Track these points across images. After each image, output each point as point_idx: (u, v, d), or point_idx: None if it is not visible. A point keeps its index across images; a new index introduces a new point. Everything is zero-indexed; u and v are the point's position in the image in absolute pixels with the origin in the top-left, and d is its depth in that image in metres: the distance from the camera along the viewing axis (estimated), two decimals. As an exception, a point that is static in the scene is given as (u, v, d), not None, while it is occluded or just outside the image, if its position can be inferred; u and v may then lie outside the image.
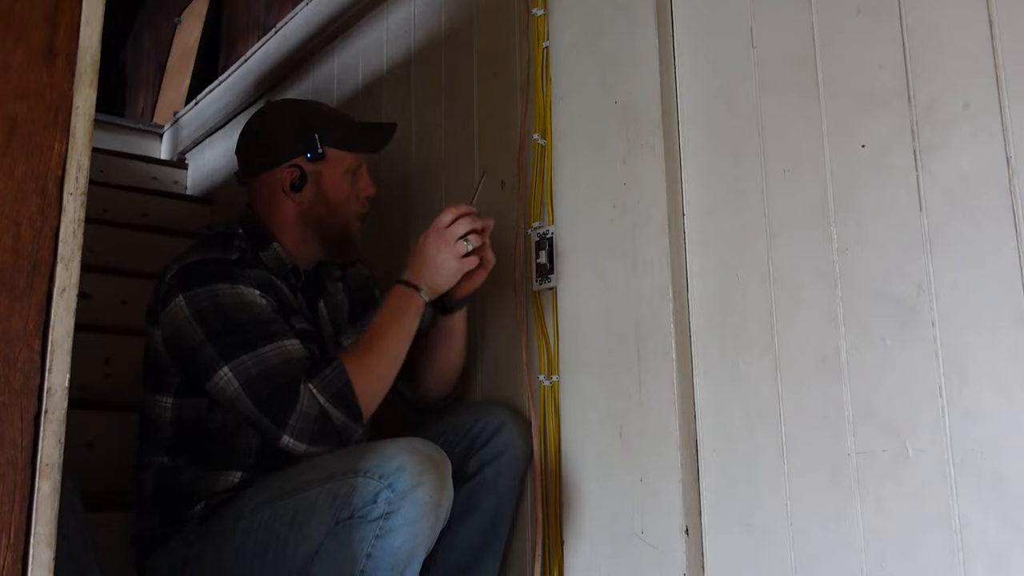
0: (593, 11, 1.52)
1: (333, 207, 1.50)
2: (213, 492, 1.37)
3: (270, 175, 1.49)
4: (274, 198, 1.49)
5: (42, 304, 0.70)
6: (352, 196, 1.52)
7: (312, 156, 1.48)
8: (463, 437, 1.45)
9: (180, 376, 1.39)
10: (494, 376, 1.65)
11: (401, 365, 1.38)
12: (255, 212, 1.51)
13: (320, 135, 1.48)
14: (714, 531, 1.26)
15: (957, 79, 1.07)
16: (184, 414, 1.39)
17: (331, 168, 1.50)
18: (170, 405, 1.39)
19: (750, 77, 1.31)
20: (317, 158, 1.48)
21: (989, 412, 1.01)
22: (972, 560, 1.00)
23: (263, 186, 1.50)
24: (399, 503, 1.15)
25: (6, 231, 0.69)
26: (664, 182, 1.36)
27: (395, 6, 2.16)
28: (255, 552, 1.26)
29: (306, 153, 1.48)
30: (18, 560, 0.66)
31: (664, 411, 1.30)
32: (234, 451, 1.38)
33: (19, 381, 0.68)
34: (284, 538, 1.23)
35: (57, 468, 0.69)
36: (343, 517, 1.18)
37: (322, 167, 1.49)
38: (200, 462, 1.39)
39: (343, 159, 1.51)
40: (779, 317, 1.23)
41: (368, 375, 1.32)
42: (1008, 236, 1.01)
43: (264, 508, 1.27)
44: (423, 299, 1.38)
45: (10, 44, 0.72)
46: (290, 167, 1.48)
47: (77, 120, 0.74)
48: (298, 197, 1.48)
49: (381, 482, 1.16)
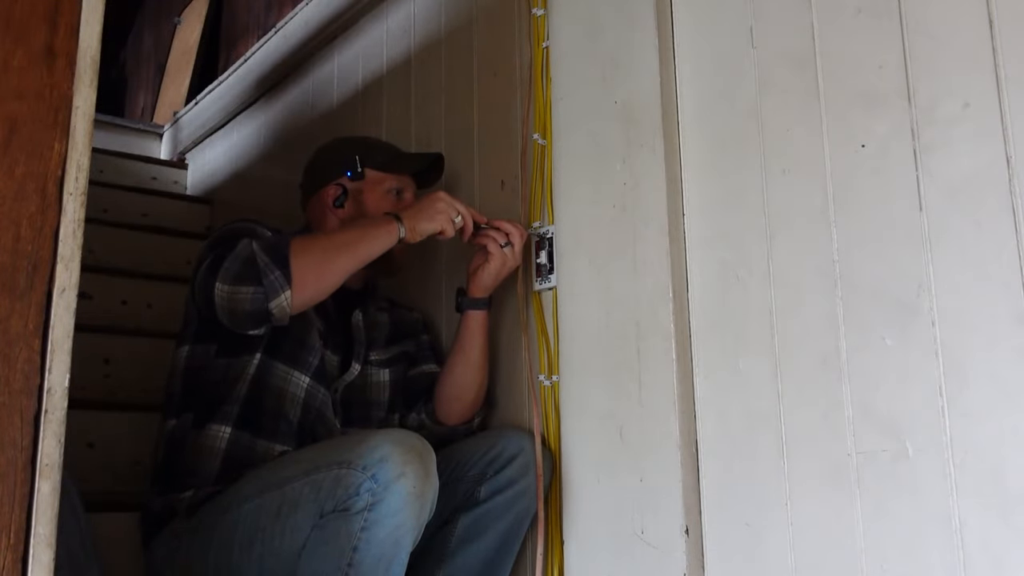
0: (593, 11, 1.52)
1: None
2: (202, 454, 1.39)
3: (320, 194, 1.65)
4: (323, 214, 1.64)
5: (42, 304, 0.70)
6: None
7: (352, 175, 1.63)
8: (478, 461, 1.45)
9: (196, 317, 1.46)
10: (494, 376, 1.65)
11: (344, 272, 1.39)
12: (308, 229, 1.67)
13: (361, 157, 1.64)
14: (714, 531, 1.26)
15: (957, 79, 1.07)
16: (195, 361, 1.46)
17: (371, 187, 1.63)
18: (185, 354, 1.47)
19: (750, 77, 1.31)
20: (357, 177, 1.63)
21: (989, 412, 1.01)
22: (972, 560, 1.00)
23: (315, 204, 1.66)
24: (382, 494, 1.15)
25: (6, 231, 0.69)
26: (664, 182, 1.36)
27: (395, 6, 2.16)
28: (243, 545, 1.26)
29: (347, 172, 1.63)
30: (18, 560, 0.66)
31: (664, 411, 1.30)
32: (226, 400, 1.42)
33: (19, 381, 0.68)
34: (271, 532, 1.24)
35: (57, 468, 0.69)
36: (328, 510, 1.19)
37: (362, 186, 1.63)
38: (197, 416, 1.42)
39: (383, 180, 1.64)
40: (779, 317, 1.23)
41: (309, 251, 1.34)
42: (1008, 236, 1.01)
43: (251, 501, 1.28)
44: (398, 227, 1.43)
45: (10, 44, 0.72)
46: (334, 185, 1.64)
47: (77, 120, 0.74)
48: (341, 212, 1.62)
49: (363, 473, 1.16)
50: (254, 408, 1.42)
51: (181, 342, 1.49)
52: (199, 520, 1.33)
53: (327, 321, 1.55)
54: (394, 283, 1.80)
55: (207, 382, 1.44)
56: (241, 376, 1.43)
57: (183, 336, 1.50)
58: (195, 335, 1.47)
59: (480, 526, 1.43)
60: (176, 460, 1.41)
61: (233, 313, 1.31)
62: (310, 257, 1.34)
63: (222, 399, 1.42)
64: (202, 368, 1.45)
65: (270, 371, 1.45)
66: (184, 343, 1.48)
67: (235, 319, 1.32)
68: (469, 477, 1.44)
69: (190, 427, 1.42)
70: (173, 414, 1.45)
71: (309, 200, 1.68)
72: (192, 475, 1.39)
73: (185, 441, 1.42)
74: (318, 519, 1.20)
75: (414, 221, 1.44)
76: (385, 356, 1.63)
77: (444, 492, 1.45)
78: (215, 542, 1.29)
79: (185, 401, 1.45)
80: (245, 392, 1.43)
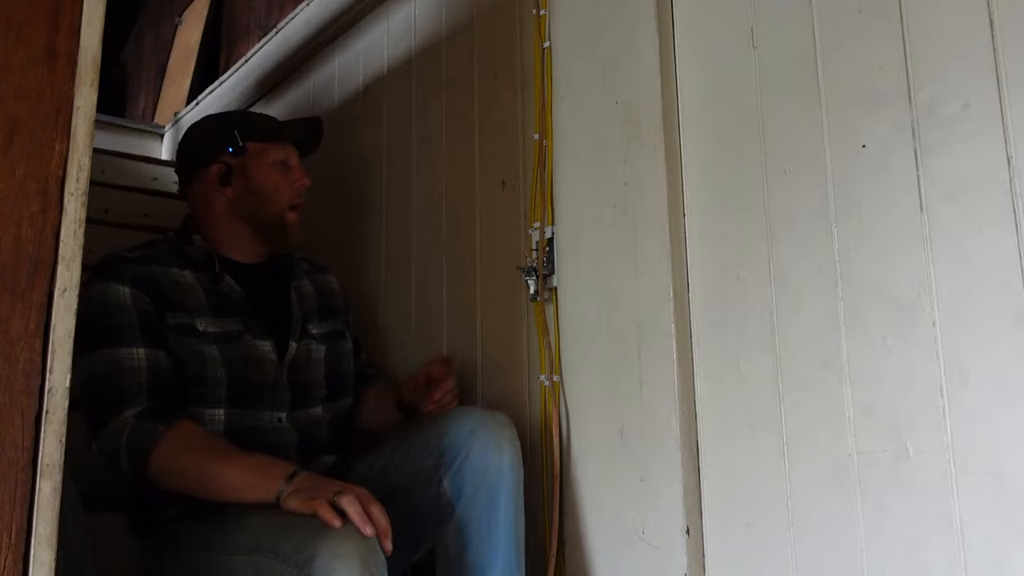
0: (594, 11, 1.52)
1: (263, 196, 1.55)
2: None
3: (201, 177, 1.57)
4: (206, 197, 1.56)
5: (43, 304, 0.70)
6: (284, 186, 1.57)
7: (234, 150, 1.55)
8: (431, 451, 1.39)
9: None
10: (494, 376, 1.65)
11: (211, 497, 1.26)
12: (192, 215, 1.59)
13: (239, 131, 1.57)
14: (715, 531, 1.26)
15: (958, 79, 1.07)
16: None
17: (255, 160, 1.56)
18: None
19: (751, 77, 1.31)
20: (239, 152, 1.56)
21: (990, 412, 1.01)
22: (973, 560, 1.00)
23: (196, 189, 1.58)
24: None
25: (7, 231, 0.69)
26: (665, 182, 1.36)
27: (396, 6, 2.16)
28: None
29: (227, 147, 1.55)
30: (19, 560, 0.66)
31: (665, 411, 1.30)
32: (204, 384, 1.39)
33: (20, 381, 0.68)
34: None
35: (58, 468, 0.69)
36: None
37: (246, 159, 1.56)
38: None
39: (267, 151, 1.57)
40: (780, 317, 1.23)
41: (175, 467, 1.27)
42: (1009, 236, 1.01)
43: (212, 554, 1.25)
44: (279, 494, 1.21)
45: (11, 44, 0.72)
46: (216, 164, 1.56)
47: (78, 120, 0.74)
48: (228, 191, 1.55)
49: (297, 570, 1.09)
50: (182, 383, 1.39)
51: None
52: (188, 536, 1.33)
53: (255, 301, 1.50)
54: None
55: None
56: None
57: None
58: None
59: (464, 536, 1.35)
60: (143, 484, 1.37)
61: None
62: (172, 475, 1.27)
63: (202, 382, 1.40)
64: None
65: (185, 346, 1.40)
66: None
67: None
68: (427, 467, 1.38)
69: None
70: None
71: (190, 184, 1.59)
72: (156, 499, 1.37)
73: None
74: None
75: (295, 498, 1.18)
76: (320, 331, 1.58)
77: (408, 493, 1.40)
78: (182, 570, 1.29)
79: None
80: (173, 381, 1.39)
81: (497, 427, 1.37)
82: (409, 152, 2.00)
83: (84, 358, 1.33)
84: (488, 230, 1.72)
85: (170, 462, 1.27)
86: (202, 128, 1.64)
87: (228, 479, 1.23)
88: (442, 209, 1.87)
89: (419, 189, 1.95)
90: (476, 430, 1.36)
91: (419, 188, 1.95)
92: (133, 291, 1.38)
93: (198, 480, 1.26)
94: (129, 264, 1.42)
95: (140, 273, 1.41)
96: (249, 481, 1.23)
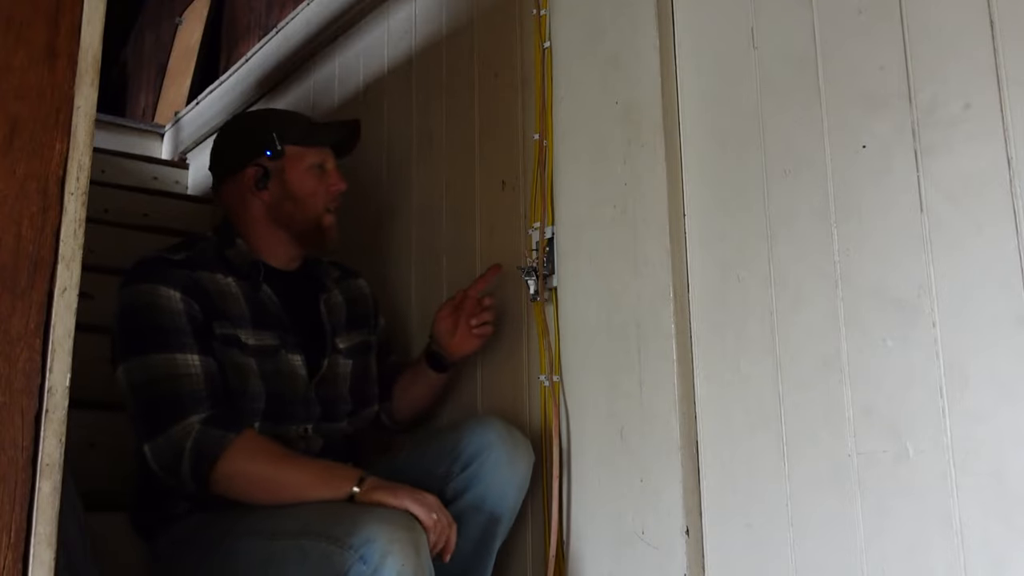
0: (594, 11, 1.52)
1: (300, 201, 1.53)
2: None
3: (237, 179, 1.55)
4: (243, 200, 1.54)
5: (43, 304, 0.70)
6: (320, 190, 1.55)
7: (272, 153, 1.53)
8: (446, 455, 1.40)
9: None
10: (495, 377, 1.65)
11: (276, 501, 1.28)
12: (228, 217, 1.57)
13: (277, 134, 1.54)
14: (715, 531, 1.26)
15: (958, 80, 1.07)
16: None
17: (293, 164, 1.54)
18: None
19: (751, 77, 1.31)
20: (277, 155, 1.53)
21: (990, 413, 1.00)
22: (973, 561, 1.00)
23: (232, 191, 1.56)
24: (374, 575, 1.11)
25: (7, 230, 0.69)
26: (665, 182, 1.36)
27: (396, 6, 2.16)
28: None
29: (265, 151, 1.53)
30: (19, 560, 0.66)
31: (665, 411, 1.30)
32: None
33: (20, 381, 0.68)
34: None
35: (58, 468, 0.69)
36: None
37: (284, 163, 1.54)
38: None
39: (304, 154, 1.55)
40: (780, 318, 1.23)
41: (243, 472, 1.29)
42: (1009, 237, 1.01)
43: (247, 540, 1.25)
44: (351, 491, 1.26)
45: (11, 44, 0.72)
46: (253, 167, 1.54)
47: (78, 120, 0.74)
48: (264, 195, 1.53)
49: (351, 553, 1.12)
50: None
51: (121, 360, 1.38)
52: (203, 529, 1.33)
53: (289, 313, 1.50)
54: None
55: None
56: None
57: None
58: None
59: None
60: (154, 482, 1.38)
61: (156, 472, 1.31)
62: (237, 482, 1.28)
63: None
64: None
65: (225, 355, 1.39)
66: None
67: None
68: (439, 473, 1.39)
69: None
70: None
71: (224, 184, 1.57)
72: (167, 496, 1.38)
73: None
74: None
75: (375, 493, 1.24)
76: (347, 344, 1.57)
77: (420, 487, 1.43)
78: (207, 563, 1.28)
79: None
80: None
81: (513, 444, 1.39)
82: (409, 152, 2.00)
83: (134, 361, 1.33)
84: (488, 230, 1.72)
85: (238, 468, 1.28)
86: (239, 129, 1.63)
87: (298, 484, 1.28)
88: (442, 209, 1.87)
89: (419, 189, 1.95)
90: (494, 444, 1.38)
91: (419, 188, 1.95)
92: (184, 296, 1.37)
93: (266, 485, 1.29)
94: (175, 268, 1.40)
95: (189, 279, 1.40)
96: (319, 485, 1.27)
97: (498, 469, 1.37)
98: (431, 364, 1.59)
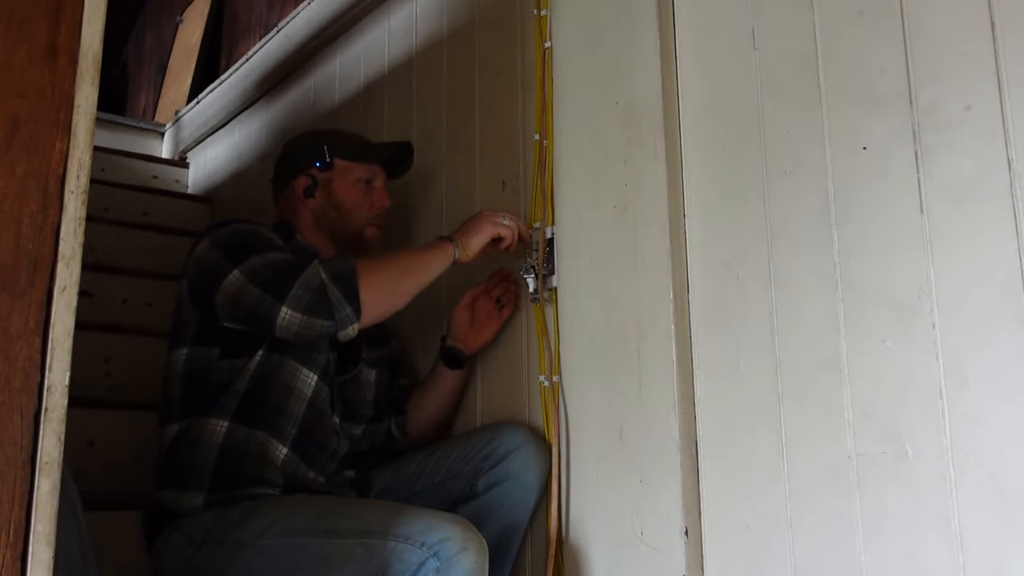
0: (595, 12, 1.52)
1: (343, 212, 1.64)
2: (198, 449, 1.39)
3: (291, 186, 1.67)
4: (295, 205, 1.66)
5: (42, 302, 0.70)
6: (364, 204, 1.66)
7: (321, 165, 1.65)
8: (475, 455, 1.49)
9: (197, 320, 1.46)
10: (495, 377, 1.65)
11: (409, 297, 1.44)
12: (284, 219, 1.69)
13: (329, 147, 1.66)
14: (714, 532, 1.26)
15: (958, 81, 1.07)
16: (194, 364, 1.46)
17: (340, 176, 1.66)
18: (184, 357, 1.47)
19: (751, 78, 1.31)
20: (326, 167, 1.65)
21: (989, 414, 1.00)
22: (972, 562, 1.00)
23: (286, 198, 1.68)
24: (447, 571, 1.17)
25: (7, 229, 0.69)
26: (665, 183, 1.36)
27: (397, 6, 2.16)
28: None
29: (315, 163, 1.66)
30: (17, 558, 0.66)
31: (664, 412, 1.30)
32: (224, 394, 1.43)
33: (19, 379, 0.68)
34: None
35: (57, 466, 0.69)
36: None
37: (332, 175, 1.65)
38: (196, 412, 1.43)
39: (352, 169, 1.66)
40: (779, 318, 1.23)
41: (376, 277, 1.39)
42: (1009, 238, 1.01)
43: (292, 537, 1.27)
44: (454, 248, 1.48)
45: (12, 42, 0.72)
46: (304, 176, 1.65)
47: (78, 118, 0.74)
48: (311, 203, 1.65)
49: (424, 551, 1.18)
50: (254, 402, 1.42)
51: (177, 344, 1.48)
52: (219, 532, 1.33)
53: None
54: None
55: (209, 384, 1.44)
56: (242, 371, 1.43)
57: (179, 338, 1.48)
58: (194, 338, 1.46)
59: (478, 519, 1.41)
60: (177, 460, 1.41)
61: (300, 336, 1.35)
62: (378, 286, 1.39)
63: (221, 394, 1.42)
64: (203, 371, 1.45)
65: (278, 366, 1.45)
66: (181, 345, 1.47)
67: (299, 339, 1.37)
68: (466, 472, 1.47)
69: (189, 431, 1.42)
70: (175, 418, 1.44)
71: (281, 193, 1.70)
72: (189, 470, 1.39)
73: (184, 442, 1.41)
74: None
75: (465, 238, 1.49)
76: (374, 355, 1.66)
77: (442, 488, 1.50)
78: (240, 561, 1.29)
79: (186, 404, 1.44)
80: (245, 387, 1.43)
81: (538, 446, 1.47)
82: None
83: (241, 264, 1.38)
84: (488, 230, 1.72)
85: (372, 269, 1.40)
86: (297, 142, 1.74)
87: (418, 263, 1.45)
88: (442, 209, 1.87)
89: (419, 188, 1.95)
90: (524, 443, 1.46)
91: (419, 187, 1.95)
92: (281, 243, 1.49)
93: (399, 275, 1.43)
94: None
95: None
96: (431, 260, 1.46)
97: (527, 467, 1.45)
98: (447, 363, 1.64)
